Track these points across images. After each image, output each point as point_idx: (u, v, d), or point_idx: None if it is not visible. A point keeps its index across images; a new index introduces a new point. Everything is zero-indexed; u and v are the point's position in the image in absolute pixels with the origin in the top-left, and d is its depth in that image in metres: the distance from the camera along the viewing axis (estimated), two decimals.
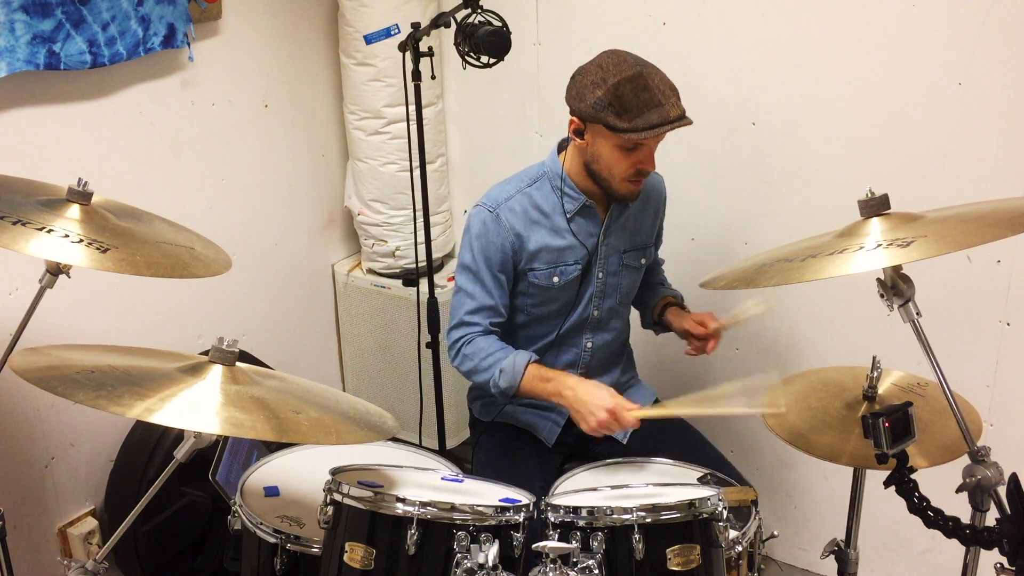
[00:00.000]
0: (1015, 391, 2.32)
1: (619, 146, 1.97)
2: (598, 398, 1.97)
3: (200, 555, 2.55)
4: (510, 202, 2.11)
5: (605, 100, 1.91)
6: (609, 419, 1.94)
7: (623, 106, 1.90)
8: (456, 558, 1.57)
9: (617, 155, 1.99)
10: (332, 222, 3.15)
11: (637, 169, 2.01)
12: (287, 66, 2.85)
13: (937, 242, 1.48)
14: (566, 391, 2.01)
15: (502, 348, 2.11)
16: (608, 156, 2.00)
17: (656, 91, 1.90)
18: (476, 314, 2.11)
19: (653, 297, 2.34)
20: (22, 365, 1.53)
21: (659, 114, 1.90)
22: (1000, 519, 1.45)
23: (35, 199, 1.72)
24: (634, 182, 2.04)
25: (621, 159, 1.99)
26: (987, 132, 2.20)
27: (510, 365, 2.06)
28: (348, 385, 3.28)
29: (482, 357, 2.09)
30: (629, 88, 1.90)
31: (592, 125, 1.97)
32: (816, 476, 2.67)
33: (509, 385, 2.06)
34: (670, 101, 1.91)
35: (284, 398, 1.61)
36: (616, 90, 1.90)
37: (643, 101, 1.89)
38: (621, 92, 1.90)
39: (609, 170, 2.02)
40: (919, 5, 2.21)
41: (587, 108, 1.94)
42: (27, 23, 2.13)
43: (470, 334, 2.12)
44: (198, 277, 1.76)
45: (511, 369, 2.05)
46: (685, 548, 1.61)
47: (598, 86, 1.92)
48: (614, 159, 1.99)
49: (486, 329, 2.12)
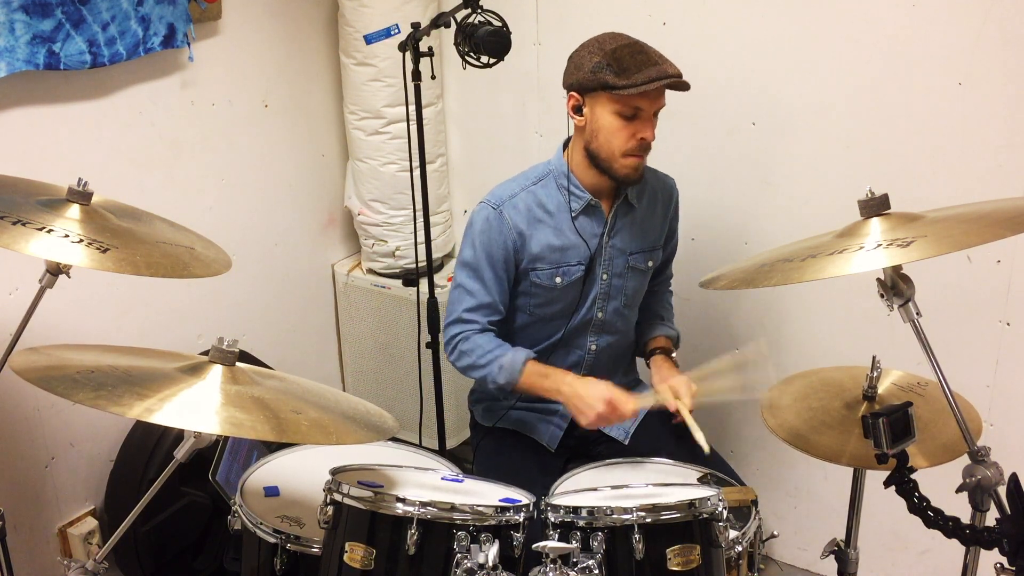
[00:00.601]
0: (1015, 391, 2.33)
1: (618, 113, 1.98)
2: (596, 391, 1.99)
3: (200, 555, 2.55)
4: (514, 200, 2.11)
5: (604, 62, 1.96)
6: (608, 411, 1.96)
7: (621, 66, 1.94)
8: (456, 558, 1.57)
9: (616, 124, 1.99)
10: (332, 222, 3.15)
11: (639, 139, 2.00)
12: (287, 66, 2.85)
13: (937, 242, 1.48)
14: (564, 387, 2.03)
15: (500, 345, 2.11)
16: (608, 126, 2.00)
17: (652, 54, 1.97)
18: (474, 311, 2.12)
19: (649, 333, 2.31)
20: (22, 365, 1.52)
21: (657, 70, 1.94)
22: (1000, 519, 1.45)
23: (35, 199, 1.72)
24: (635, 155, 2.03)
25: (620, 128, 1.99)
26: (987, 132, 2.20)
27: (509, 361, 2.07)
28: (348, 385, 3.28)
29: (480, 354, 2.10)
30: (627, 51, 1.96)
31: (591, 95, 2.00)
32: (816, 476, 2.67)
33: (508, 381, 2.07)
34: (667, 62, 1.97)
35: (284, 398, 1.61)
36: (614, 53, 1.96)
37: (640, 61, 1.95)
38: (619, 55, 1.95)
39: (609, 144, 2.01)
40: (919, 5, 2.21)
41: (585, 75, 1.98)
42: (27, 23, 2.13)
43: (467, 331, 2.12)
44: (198, 277, 1.75)
45: (510, 365, 2.06)
46: (685, 548, 1.61)
47: (595, 54, 1.98)
48: (613, 129, 2.00)
49: (483, 327, 2.12)
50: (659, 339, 2.29)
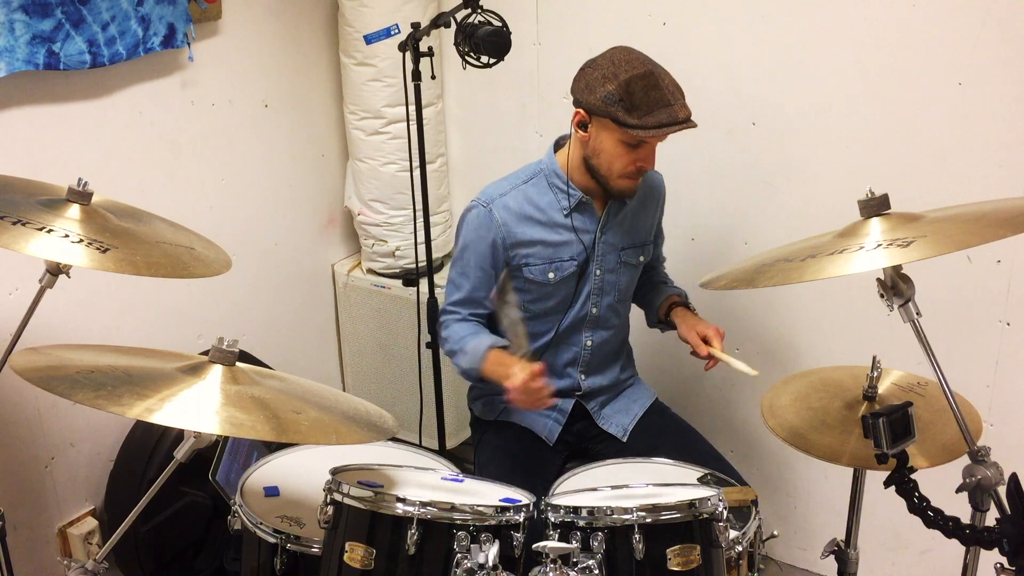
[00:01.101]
0: (1015, 391, 2.32)
1: (623, 142, 1.99)
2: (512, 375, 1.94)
3: (200, 555, 2.55)
4: (504, 198, 2.14)
5: (616, 95, 1.93)
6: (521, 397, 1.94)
7: (633, 103, 1.92)
8: (456, 558, 1.57)
9: (620, 150, 2.00)
10: (332, 222, 3.15)
11: (638, 167, 2.03)
12: (287, 66, 2.85)
13: (937, 242, 1.48)
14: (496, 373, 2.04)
15: (473, 333, 2.15)
16: (611, 151, 2.01)
17: (666, 91, 1.93)
18: (459, 304, 2.19)
19: (657, 296, 2.34)
20: (22, 365, 1.52)
21: (668, 114, 1.92)
22: (1000, 519, 1.45)
23: (35, 199, 1.72)
24: (632, 179, 2.06)
25: (623, 155, 2.01)
26: (987, 132, 2.20)
27: (474, 347, 2.11)
28: (348, 385, 3.28)
29: (455, 340, 2.16)
30: (640, 85, 1.92)
31: (599, 119, 1.99)
32: (816, 476, 2.67)
33: (470, 367, 2.11)
34: (679, 102, 1.94)
35: (284, 398, 1.61)
36: (628, 86, 1.92)
37: (653, 99, 1.92)
38: (632, 89, 1.92)
39: (609, 165, 2.04)
40: (919, 5, 2.20)
41: (596, 101, 1.96)
42: (27, 23, 2.13)
43: (448, 320, 2.20)
44: (198, 277, 1.76)
45: (473, 351, 2.10)
46: (685, 548, 1.61)
47: (609, 80, 1.94)
48: (616, 154, 2.01)
49: (463, 317, 2.19)
50: (671, 297, 2.30)
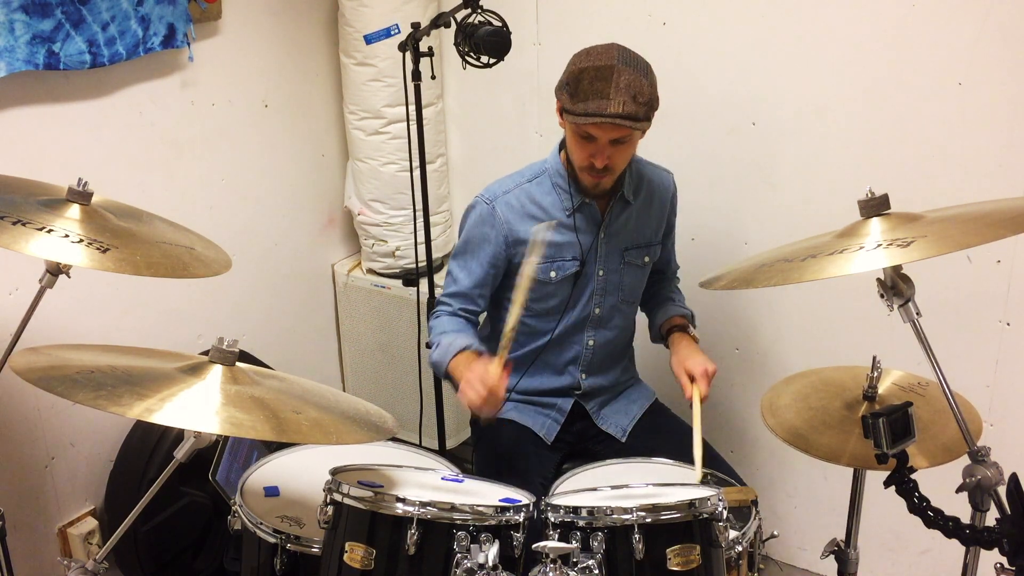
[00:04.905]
0: (1015, 391, 2.32)
1: (575, 133, 2.01)
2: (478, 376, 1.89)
3: (200, 555, 2.55)
4: (507, 196, 2.15)
5: (565, 80, 1.98)
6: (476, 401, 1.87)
7: (576, 89, 1.94)
8: (456, 558, 1.57)
9: (574, 142, 2.03)
10: (332, 222, 3.15)
11: (590, 161, 2.01)
12: (287, 66, 2.85)
13: (937, 242, 1.48)
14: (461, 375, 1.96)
15: (456, 331, 2.14)
16: (570, 143, 2.05)
17: (612, 85, 1.90)
18: (453, 297, 2.20)
19: (662, 315, 2.31)
20: (22, 365, 1.52)
21: (598, 105, 1.91)
22: (1000, 519, 1.45)
23: (35, 199, 1.72)
24: (591, 174, 2.04)
25: (578, 147, 2.02)
26: (987, 132, 2.20)
27: (447, 344, 2.10)
28: (348, 385, 3.28)
29: (436, 332, 2.17)
30: (590, 75, 1.93)
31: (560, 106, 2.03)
32: (816, 476, 2.67)
33: (438, 362, 2.10)
34: (619, 99, 1.90)
35: (284, 398, 1.61)
36: (579, 75, 1.94)
37: (595, 90, 1.91)
38: (581, 77, 1.94)
39: (573, 156, 2.06)
40: (919, 5, 2.21)
41: (558, 85, 2.01)
42: (27, 23, 2.13)
43: (440, 311, 2.21)
44: (198, 277, 1.76)
45: (447, 347, 2.09)
46: (685, 548, 1.61)
47: (572, 65, 1.99)
48: (573, 144, 2.04)
49: (454, 311, 2.19)
50: (674, 318, 2.27)
